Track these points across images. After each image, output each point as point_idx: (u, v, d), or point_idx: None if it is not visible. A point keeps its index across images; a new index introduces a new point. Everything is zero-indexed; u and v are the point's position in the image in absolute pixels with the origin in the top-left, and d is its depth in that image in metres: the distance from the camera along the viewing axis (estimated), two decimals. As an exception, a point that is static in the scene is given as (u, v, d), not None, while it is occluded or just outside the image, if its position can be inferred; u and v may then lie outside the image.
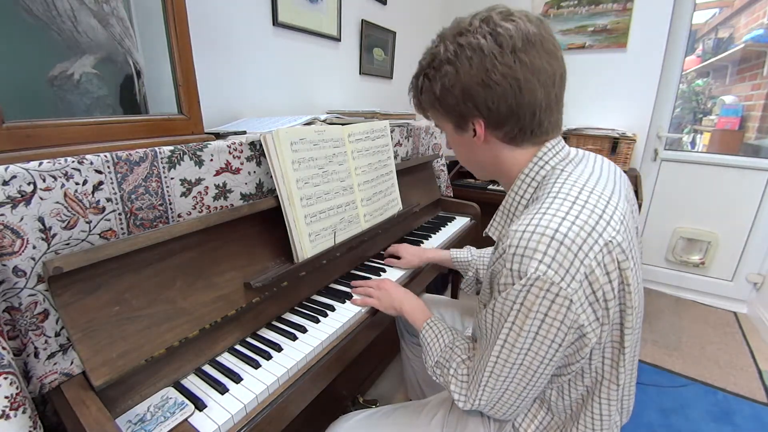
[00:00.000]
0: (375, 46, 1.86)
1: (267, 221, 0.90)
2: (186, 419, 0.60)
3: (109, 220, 0.66)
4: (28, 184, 0.56)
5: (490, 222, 0.69)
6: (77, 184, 0.61)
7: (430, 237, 1.40)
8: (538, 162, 0.60)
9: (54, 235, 0.59)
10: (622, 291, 0.52)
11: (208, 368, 0.72)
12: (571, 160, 0.62)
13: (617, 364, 0.58)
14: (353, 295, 0.97)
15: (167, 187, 0.74)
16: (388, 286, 0.93)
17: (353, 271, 1.12)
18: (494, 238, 0.68)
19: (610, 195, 0.55)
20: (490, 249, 1.12)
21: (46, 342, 0.59)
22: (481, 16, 0.55)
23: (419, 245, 1.32)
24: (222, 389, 0.66)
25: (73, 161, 0.60)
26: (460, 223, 1.58)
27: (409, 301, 0.87)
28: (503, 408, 0.63)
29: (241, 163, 0.87)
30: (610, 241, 0.50)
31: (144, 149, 0.70)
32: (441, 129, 0.69)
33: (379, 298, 0.91)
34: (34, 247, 0.57)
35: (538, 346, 0.53)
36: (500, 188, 2.05)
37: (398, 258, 1.14)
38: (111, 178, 0.65)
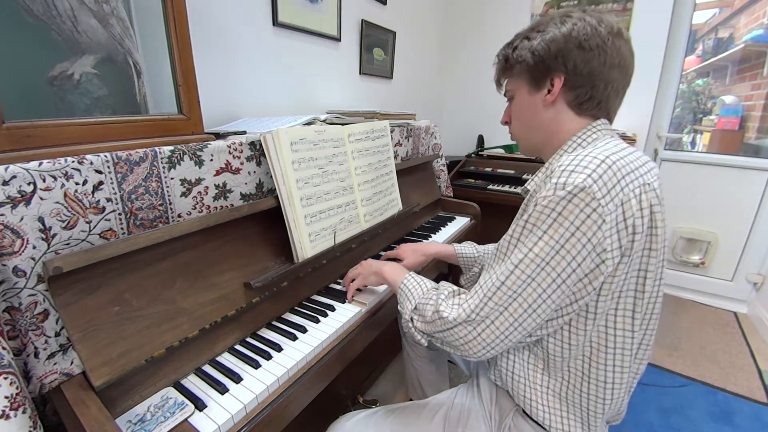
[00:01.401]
0: (375, 46, 1.86)
1: (267, 221, 0.90)
2: (186, 419, 0.60)
3: (109, 220, 0.66)
4: (28, 184, 0.56)
5: (531, 178, 0.70)
6: (77, 184, 0.61)
7: (430, 237, 1.40)
8: (591, 129, 0.66)
9: (54, 235, 0.59)
10: (650, 230, 0.57)
11: (208, 368, 0.72)
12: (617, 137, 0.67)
13: (633, 312, 0.60)
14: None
15: (167, 187, 0.74)
16: (367, 260, 0.95)
17: (353, 271, 1.12)
18: (531, 189, 0.69)
19: (649, 159, 0.63)
20: (492, 245, 1.11)
21: (46, 342, 0.59)
22: (585, 8, 0.66)
23: (419, 245, 1.32)
24: (222, 389, 0.66)
25: (73, 161, 0.60)
26: (460, 223, 1.58)
27: (389, 264, 0.88)
28: (490, 336, 0.60)
29: (241, 163, 0.87)
30: (648, 184, 0.57)
31: (144, 149, 0.70)
32: (512, 94, 0.73)
33: (360, 272, 0.92)
34: (34, 247, 0.57)
35: (558, 261, 0.55)
36: (501, 188, 2.05)
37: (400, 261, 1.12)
38: (111, 178, 0.65)
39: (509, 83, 0.73)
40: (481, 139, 2.49)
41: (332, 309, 0.90)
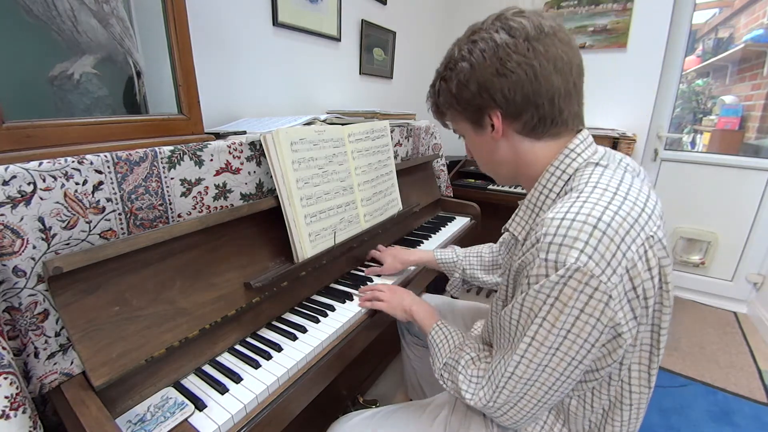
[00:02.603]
0: (375, 46, 1.86)
1: (267, 221, 0.90)
2: (186, 419, 0.60)
3: (109, 220, 0.66)
4: (28, 184, 0.56)
5: (511, 218, 0.65)
6: (77, 184, 0.61)
7: (430, 237, 1.40)
8: (570, 154, 0.58)
9: (54, 235, 0.59)
10: (660, 288, 0.50)
11: (208, 368, 0.72)
12: (603, 154, 0.60)
13: (648, 368, 0.55)
14: (356, 297, 0.96)
15: (167, 187, 0.74)
16: (396, 288, 0.93)
17: (353, 272, 1.12)
18: (517, 235, 0.64)
19: (649, 191, 0.54)
20: (477, 247, 1.09)
21: (46, 342, 0.59)
22: (494, 15, 0.56)
23: (419, 245, 1.32)
24: (222, 389, 0.66)
25: (73, 161, 0.60)
26: (460, 223, 1.58)
27: (418, 304, 0.86)
28: (516, 415, 0.58)
29: (241, 163, 0.87)
30: (652, 236, 0.48)
31: (144, 149, 0.70)
32: (461, 134, 0.68)
33: (388, 300, 0.90)
34: (34, 247, 0.57)
35: (569, 346, 0.49)
36: (501, 188, 2.04)
37: (380, 264, 1.11)
38: (111, 178, 0.65)
39: (452, 124, 0.67)
40: (481, 139, 2.49)
41: (332, 309, 0.90)
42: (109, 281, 0.63)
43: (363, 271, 1.11)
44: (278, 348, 0.76)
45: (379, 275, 1.09)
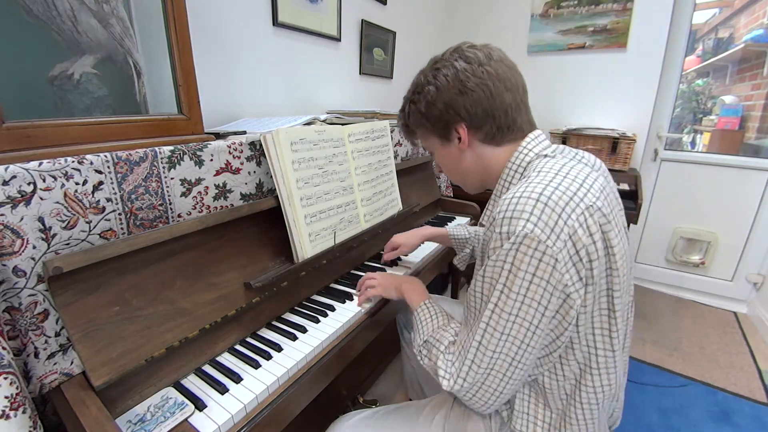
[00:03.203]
0: (375, 46, 1.86)
1: (267, 221, 0.90)
2: (186, 419, 0.60)
3: (109, 220, 0.66)
4: (28, 184, 0.56)
5: (483, 212, 0.73)
6: (77, 184, 0.61)
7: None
8: (523, 150, 0.66)
9: (54, 235, 0.59)
10: (606, 251, 0.56)
11: (208, 368, 0.72)
12: (555, 149, 0.67)
13: (610, 332, 0.59)
14: (354, 296, 0.96)
15: (167, 187, 0.74)
16: (389, 274, 0.95)
17: (353, 272, 1.12)
18: (484, 223, 0.70)
19: (589, 171, 0.61)
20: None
21: (46, 342, 0.59)
22: (452, 48, 0.67)
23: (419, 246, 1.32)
24: (222, 389, 0.66)
25: (73, 161, 0.60)
26: (460, 222, 1.57)
27: (410, 282, 0.87)
28: (485, 395, 0.61)
29: (241, 163, 0.87)
30: (591, 206, 0.55)
31: (144, 149, 0.70)
32: (429, 149, 0.76)
33: (380, 284, 0.91)
34: (34, 247, 0.57)
35: (526, 311, 0.55)
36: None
37: (396, 249, 1.14)
38: (111, 178, 0.65)
39: (422, 141, 0.76)
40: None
41: (332, 309, 0.90)
42: (109, 281, 0.63)
43: (363, 272, 1.11)
44: (278, 348, 0.76)
45: (398, 257, 1.14)
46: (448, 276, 2.11)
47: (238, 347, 0.78)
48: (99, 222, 0.65)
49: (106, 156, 0.64)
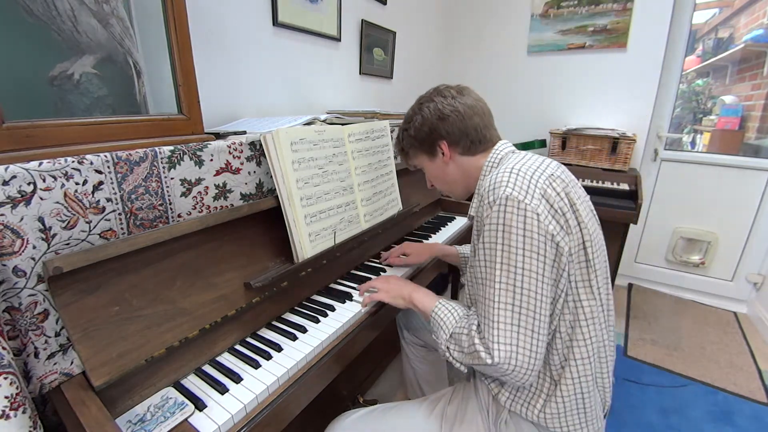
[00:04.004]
0: (375, 46, 1.86)
1: (267, 221, 0.90)
2: (186, 419, 0.60)
3: (109, 220, 0.66)
4: (28, 184, 0.56)
5: (469, 208, 0.84)
6: (77, 184, 0.61)
7: (431, 237, 1.40)
8: (495, 151, 0.81)
9: (54, 235, 0.59)
10: (572, 208, 0.67)
11: (208, 368, 0.72)
12: (521, 151, 0.81)
13: (590, 282, 0.68)
14: (356, 295, 0.96)
15: (167, 187, 0.74)
16: (393, 278, 0.95)
17: (353, 272, 1.12)
18: (472, 213, 0.82)
19: (551, 160, 0.76)
20: None
21: (46, 342, 0.59)
22: (432, 89, 0.86)
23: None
24: (222, 389, 0.66)
25: (73, 161, 0.60)
26: (460, 222, 1.58)
27: (416, 290, 0.88)
28: (523, 359, 0.62)
29: (241, 163, 0.87)
30: (551, 174, 0.70)
31: (144, 149, 0.70)
32: (421, 166, 0.92)
33: (386, 290, 0.91)
34: (34, 247, 0.57)
35: (529, 262, 0.63)
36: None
37: (403, 257, 1.14)
38: (111, 178, 0.65)
39: (415, 162, 0.92)
40: (481, 139, 2.49)
41: (332, 309, 0.90)
42: (109, 281, 0.63)
43: (363, 272, 1.11)
44: (278, 348, 0.76)
45: (407, 265, 1.15)
46: (448, 276, 2.11)
47: (238, 347, 0.78)
48: (99, 222, 0.65)
49: (106, 156, 0.64)
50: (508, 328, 0.63)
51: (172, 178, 0.74)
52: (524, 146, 2.22)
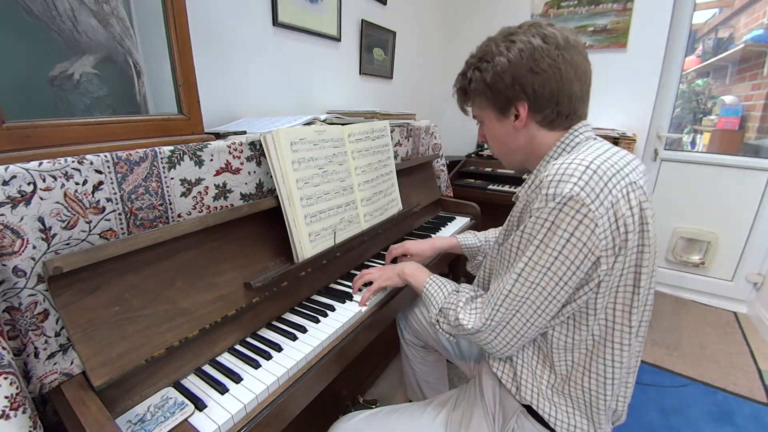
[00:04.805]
0: (375, 46, 1.86)
1: (267, 221, 0.90)
2: (186, 419, 0.60)
3: (109, 220, 0.66)
4: (28, 184, 0.56)
5: (521, 187, 0.73)
6: (77, 184, 0.61)
7: (431, 237, 1.39)
8: (574, 133, 0.67)
9: (54, 235, 0.59)
10: (641, 227, 0.59)
11: (208, 368, 0.72)
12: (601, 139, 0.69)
13: (630, 309, 0.61)
14: (356, 295, 0.96)
15: (167, 187, 0.74)
16: (384, 267, 0.96)
17: (353, 272, 1.12)
18: (520, 193, 0.72)
19: (634, 157, 0.66)
20: (493, 230, 1.15)
21: (46, 342, 0.59)
22: (530, 23, 0.66)
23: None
24: (222, 389, 0.66)
25: (73, 161, 0.60)
26: (460, 223, 1.58)
27: (410, 266, 0.88)
28: (508, 335, 0.65)
29: (241, 163, 0.87)
30: (634, 182, 0.59)
31: (144, 149, 0.70)
32: (480, 119, 0.75)
33: (380, 276, 0.92)
34: (34, 247, 0.57)
35: (558, 266, 0.58)
36: (501, 188, 2.05)
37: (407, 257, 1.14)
38: (111, 178, 0.65)
39: (474, 109, 0.75)
40: (481, 139, 2.49)
41: (332, 309, 0.90)
42: (109, 281, 0.63)
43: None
44: (278, 348, 0.76)
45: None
46: (448, 275, 2.11)
47: (238, 347, 0.78)
48: (99, 222, 0.65)
49: (106, 156, 0.64)
50: (508, 312, 0.64)
51: (172, 178, 0.74)
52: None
